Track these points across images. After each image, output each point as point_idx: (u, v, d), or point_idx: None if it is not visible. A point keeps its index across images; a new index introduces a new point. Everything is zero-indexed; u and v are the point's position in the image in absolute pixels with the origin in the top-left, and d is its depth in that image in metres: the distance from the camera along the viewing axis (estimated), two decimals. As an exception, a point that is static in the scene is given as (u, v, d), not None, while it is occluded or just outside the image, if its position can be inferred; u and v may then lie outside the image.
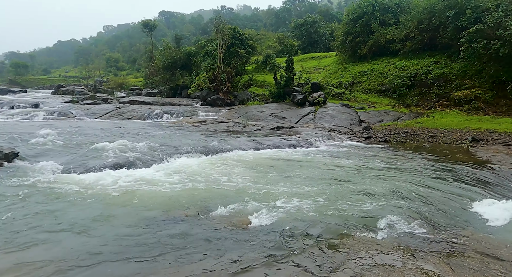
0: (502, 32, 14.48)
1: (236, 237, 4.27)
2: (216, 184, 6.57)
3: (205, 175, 7.26)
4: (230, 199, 5.70)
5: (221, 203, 5.46)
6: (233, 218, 5.02)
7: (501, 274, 3.05)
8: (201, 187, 6.37)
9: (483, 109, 16.06)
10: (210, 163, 8.57)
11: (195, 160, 8.89)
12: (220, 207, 5.34)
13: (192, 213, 5.14)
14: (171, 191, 6.12)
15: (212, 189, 6.28)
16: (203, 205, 5.48)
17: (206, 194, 6.02)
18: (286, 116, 18.68)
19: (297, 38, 37.99)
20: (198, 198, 5.80)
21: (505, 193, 6.46)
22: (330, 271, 3.25)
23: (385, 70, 21.64)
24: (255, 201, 5.60)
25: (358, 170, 7.98)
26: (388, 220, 4.72)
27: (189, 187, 6.37)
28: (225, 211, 5.24)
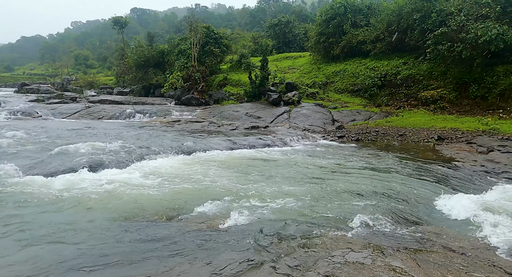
0: (465, 35, 15.24)
1: (210, 239, 4.23)
2: (190, 185, 6.48)
3: (179, 176, 7.14)
4: (205, 200, 5.63)
5: (196, 205, 5.39)
6: (208, 220, 4.96)
7: (463, 267, 3.20)
8: (175, 189, 6.25)
9: (448, 108, 16.85)
10: (184, 164, 8.44)
11: (169, 161, 8.73)
12: (194, 208, 5.27)
13: (166, 216, 5.04)
14: (144, 193, 5.97)
15: (186, 190, 6.18)
16: (177, 207, 5.39)
17: (181, 195, 5.92)
18: (261, 116, 18.73)
19: (272, 37, 38.19)
20: (172, 199, 5.70)
21: (468, 189, 6.81)
22: (303, 271, 3.28)
23: (357, 71, 22.20)
24: (230, 201, 5.57)
25: (331, 169, 8.14)
26: (360, 218, 4.84)
27: (163, 188, 6.24)
28: (199, 212, 5.18)
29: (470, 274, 3.06)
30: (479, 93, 16.07)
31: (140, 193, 5.96)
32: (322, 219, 4.94)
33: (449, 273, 3.06)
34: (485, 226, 4.67)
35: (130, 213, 5.03)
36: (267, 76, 22.03)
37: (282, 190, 6.24)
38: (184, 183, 6.62)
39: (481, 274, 3.04)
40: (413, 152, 10.57)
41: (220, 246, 3.98)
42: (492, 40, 14.30)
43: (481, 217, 4.96)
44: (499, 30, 14.18)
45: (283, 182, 6.85)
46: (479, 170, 8.26)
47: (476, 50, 15.24)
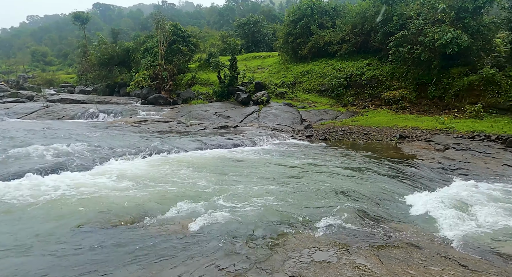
0: (423, 39, 16.07)
1: (176, 244, 4.13)
2: (158, 188, 6.30)
3: (146, 178, 6.93)
4: (171, 202, 5.50)
5: (162, 208, 5.25)
6: (174, 223, 4.85)
7: (421, 262, 3.36)
8: (141, 192, 6.05)
9: (409, 108, 17.69)
10: (152, 165, 8.21)
11: (136, 163, 8.45)
12: (160, 212, 5.13)
13: (129, 221, 4.86)
14: (107, 197, 5.72)
15: (152, 193, 6.01)
16: (142, 211, 5.21)
17: (146, 198, 5.74)
18: (230, 115, 18.66)
19: (241, 37, 38.15)
20: (137, 203, 5.51)
21: (427, 185, 7.18)
22: (271, 273, 3.29)
23: (324, 71, 22.72)
24: (198, 203, 5.48)
25: (300, 169, 8.26)
26: (327, 217, 4.94)
27: (128, 192, 6.02)
28: (165, 216, 5.04)
29: (428, 267, 3.21)
30: (437, 93, 17.01)
31: (103, 197, 5.71)
32: (291, 218, 4.99)
33: (409, 268, 3.20)
34: (441, 220, 4.94)
35: (89, 219, 4.80)
36: (236, 75, 21.96)
37: (252, 190, 6.24)
38: (151, 185, 6.44)
39: (437, 268, 3.21)
40: (377, 150, 10.98)
41: (187, 251, 3.90)
42: (447, 43, 15.18)
43: (438, 212, 5.25)
44: (453, 34, 15.08)
45: (253, 182, 6.85)
46: (437, 167, 8.74)
47: (434, 53, 16.11)
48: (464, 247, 4.04)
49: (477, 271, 3.16)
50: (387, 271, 3.13)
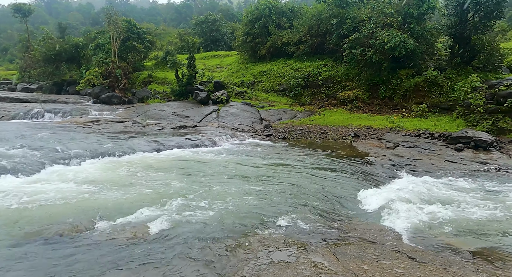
0: (374, 41, 16.92)
1: (131, 251, 3.93)
2: (111, 192, 5.96)
3: (98, 182, 6.53)
4: (127, 207, 5.24)
5: (116, 214, 4.98)
6: (129, 230, 4.62)
7: (374, 256, 3.51)
8: (92, 197, 5.69)
9: (362, 108, 18.54)
10: (104, 169, 7.76)
11: (86, 166, 7.95)
12: (114, 218, 4.86)
13: (78, 229, 4.54)
14: (54, 203, 5.30)
15: (106, 198, 5.67)
16: (92, 218, 4.89)
17: (98, 204, 5.41)
18: (189, 115, 18.29)
19: (199, 35, 37.52)
20: (87, 209, 5.16)
21: (379, 182, 7.56)
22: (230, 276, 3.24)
23: (282, 71, 23.06)
24: (156, 207, 5.28)
25: (259, 168, 8.29)
26: (286, 216, 5.00)
27: (76, 197, 5.63)
28: (120, 222, 4.79)
29: (380, 262, 3.36)
30: (387, 94, 18.02)
31: (48, 204, 5.28)
32: (251, 219, 4.98)
33: (363, 264, 3.32)
34: (393, 215, 5.22)
35: (33, 228, 4.41)
36: (195, 74, 21.57)
37: (212, 192, 6.14)
38: (104, 190, 6.08)
39: (389, 261, 3.37)
40: (334, 149, 11.36)
41: (144, 259, 3.72)
42: (395, 46, 16.12)
43: (389, 207, 5.54)
44: (401, 38, 16.05)
45: (212, 183, 6.75)
46: (388, 164, 9.24)
47: (384, 55, 17.03)
48: (413, 240, 4.30)
49: (423, 263, 3.37)
50: (343, 268, 3.22)
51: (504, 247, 4.18)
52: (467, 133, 11.49)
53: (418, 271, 3.16)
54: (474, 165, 9.34)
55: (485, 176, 8.32)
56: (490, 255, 3.89)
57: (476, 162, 9.61)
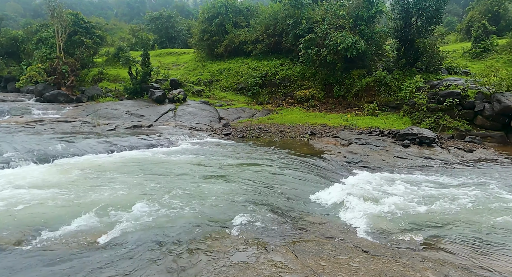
0: (328, 42, 17.51)
1: (82, 260, 3.65)
2: (58, 197, 5.52)
3: (43, 186, 6.01)
4: (76, 213, 4.87)
5: (64, 220, 4.62)
6: (79, 237, 4.30)
7: (331, 252, 3.61)
8: (37, 203, 5.22)
9: (318, 106, 19.13)
10: (50, 172, 7.18)
11: (29, 169, 7.30)
12: (61, 225, 4.50)
13: (22, 239, 4.14)
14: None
15: (52, 204, 5.23)
16: (37, 226, 4.49)
17: (44, 210, 4.97)
18: (144, 114, 17.61)
19: (153, 32, 36.28)
20: (33, 217, 4.73)
21: (335, 178, 7.83)
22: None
23: (240, 70, 23.04)
24: (108, 212, 4.97)
25: (218, 167, 8.18)
26: (245, 216, 4.97)
27: (19, 204, 5.13)
28: (69, 229, 4.44)
29: (337, 257, 3.47)
30: (341, 93, 18.76)
31: (-17, 216, 4.75)
32: (210, 220, 4.88)
33: (321, 260, 3.40)
34: (348, 210, 5.43)
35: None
36: (150, 72, 20.80)
37: (169, 193, 5.92)
38: (50, 195, 5.61)
39: (345, 256, 3.49)
40: (292, 147, 11.57)
41: (94, 270, 3.47)
42: (348, 47, 16.83)
43: (345, 203, 5.75)
44: (353, 40, 16.79)
45: (169, 184, 6.52)
46: (343, 161, 9.61)
47: (337, 56, 17.70)
48: (367, 234, 4.50)
49: (377, 256, 3.53)
50: (302, 265, 3.27)
51: (449, 236, 4.52)
52: (412, 130, 12.31)
53: (372, 264, 3.30)
54: (419, 160, 10.04)
55: (429, 170, 8.97)
56: (436, 245, 4.19)
57: (421, 157, 10.34)
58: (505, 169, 9.04)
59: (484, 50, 22.52)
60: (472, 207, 5.72)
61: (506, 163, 9.73)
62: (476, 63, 21.15)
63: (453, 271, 3.28)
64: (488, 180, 7.72)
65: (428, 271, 3.19)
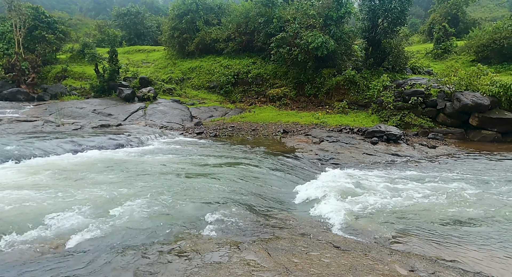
0: (299, 41, 17.73)
1: (42, 265, 3.44)
2: (17, 201, 5.17)
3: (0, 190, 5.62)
4: (37, 218, 4.58)
5: (23, 226, 4.32)
6: (41, 243, 4.05)
7: (304, 249, 3.64)
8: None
9: (290, 105, 19.34)
10: (8, 174, 6.72)
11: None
12: (20, 231, 4.21)
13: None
14: None
15: (10, 209, 4.90)
16: None
17: (3, 216, 4.64)
18: (112, 113, 17.01)
19: (121, 28, 35.10)
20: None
21: (308, 176, 7.94)
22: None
23: (212, 68, 22.83)
24: (72, 215, 4.72)
25: (190, 166, 8.04)
26: (218, 216, 4.91)
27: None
28: (29, 235, 4.17)
29: (309, 254, 3.50)
30: (312, 91, 19.07)
31: None
32: (181, 220, 4.78)
33: (293, 257, 3.42)
34: (320, 207, 5.51)
35: None
36: (118, 69, 20.12)
37: (138, 194, 5.73)
38: (7, 198, 5.25)
39: (317, 252, 3.53)
40: (264, 145, 11.60)
41: (53, 273, 3.29)
42: (319, 47, 17.12)
43: (317, 199, 5.84)
44: (323, 39, 17.10)
45: (139, 184, 6.32)
46: (314, 158, 9.76)
47: (308, 55, 17.96)
48: (339, 230, 4.60)
49: (347, 251, 3.61)
50: (274, 263, 3.27)
51: (416, 229, 4.71)
52: (380, 127, 12.75)
53: (342, 259, 3.36)
54: (387, 157, 10.41)
55: (397, 166, 9.33)
56: (404, 238, 4.35)
57: (388, 154, 10.72)
58: (465, 163, 9.58)
59: (445, 51, 23.78)
60: (437, 200, 6.00)
61: (465, 158, 10.31)
62: (438, 63, 22.28)
63: (418, 262, 3.41)
64: (450, 174, 8.14)
65: (396, 264, 3.30)
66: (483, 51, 21.24)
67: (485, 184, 7.25)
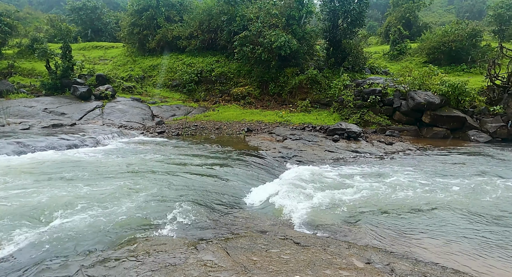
0: (262, 40, 17.75)
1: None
2: None
3: None
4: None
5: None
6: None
7: (264, 246, 3.57)
8: None
9: (254, 103, 19.32)
10: None
11: None
12: None
13: None
14: None
15: None
16: None
17: None
18: (66, 112, 16.00)
19: (77, 23, 33.19)
20: None
21: (271, 174, 7.91)
22: (108, 292, 2.83)
23: (174, 66, 22.23)
24: (15, 221, 4.31)
25: (148, 166, 7.70)
26: (176, 215, 4.71)
27: None
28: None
29: (269, 251, 3.44)
30: (276, 90, 19.20)
31: None
32: (136, 222, 4.52)
33: (253, 255, 3.34)
34: (282, 203, 5.49)
35: None
36: (72, 66, 18.96)
37: (90, 196, 5.36)
38: None
39: (277, 249, 3.48)
40: (228, 144, 11.46)
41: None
42: (282, 46, 17.26)
43: (279, 196, 5.81)
44: (286, 38, 17.26)
45: (91, 186, 5.92)
46: (278, 156, 9.78)
47: (272, 54, 18.04)
48: (299, 226, 4.59)
49: (307, 246, 3.59)
50: (233, 262, 3.17)
51: (373, 222, 4.83)
52: (341, 125, 13.09)
53: (302, 255, 3.33)
54: (347, 153, 10.69)
55: (357, 162, 9.60)
56: (362, 231, 4.43)
57: (349, 151, 11.02)
58: (419, 158, 10.09)
59: (400, 53, 25.02)
60: (391, 194, 6.22)
61: (418, 154, 10.86)
62: (394, 64, 23.39)
63: (374, 254, 3.47)
64: (404, 169, 8.51)
65: (353, 257, 3.33)
66: (434, 53, 22.62)
67: (433, 177, 7.66)
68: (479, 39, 22.21)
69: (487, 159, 9.80)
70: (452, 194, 6.23)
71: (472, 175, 7.88)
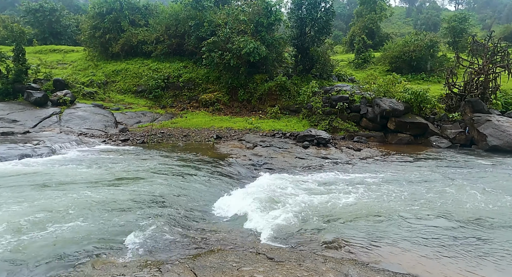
0: (231, 46, 17.55)
1: None
2: None
3: None
4: None
5: None
6: None
7: (235, 264, 3.28)
8: None
9: (223, 110, 18.99)
10: None
11: None
12: None
13: None
14: None
15: None
16: None
17: None
18: (18, 119, 14.79)
19: (33, 25, 31.22)
20: None
21: (241, 183, 7.62)
22: None
23: (140, 71, 21.41)
24: None
25: (108, 178, 7.13)
26: (138, 233, 4.29)
27: None
28: None
29: (241, 269, 3.15)
30: (245, 96, 19.01)
31: None
32: (93, 242, 4.05)
33: (223, 275, 3.03)
34: (252, 215, 5.21)
35: None
36: (26, 70, 17.67)
37: (41, 213, 4.78)
38: None
39: (249, 267, 3.20)
40: (196, 151, 11.03)
41: None
42: (251, 52, 17.14)
43: (250, 207, 5.53)
44: (254, 45, 17.18)
45: (43, 201, 5.32)
46: (248, 164, 9.52)
47: (241, 60, 17.87)
48: (272, 239, 4.33)
49: (281, 262, 3.34)
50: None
51: (347, 232, 4.68)
52: (311, 132, 13.11)
53: (276, 272, 3.08)
54: (318, 160, 10.66)
55: (326, 168, 9.56)
56: (337, 242, 4.26)
57: (319, 157, 11.00)
58: (385, 164, 10.26)
59: (364, 61, 25.87)
60: (362, 200, 6.16)
61: (384, 160, 11.07)
62: (359, 72, 24.11)
63: (352, 268, 3.30)
64: (372, 175, 8.57)
65: (330, 273, 3.12)
66: (396, 62, 23.61)
67: (400, 183, 7.75)
68: (436, 49, 23.50)
69: (447, 163, 10.18)
70: (418, 200, 6.28)
71: (436, 180, 8.07)
